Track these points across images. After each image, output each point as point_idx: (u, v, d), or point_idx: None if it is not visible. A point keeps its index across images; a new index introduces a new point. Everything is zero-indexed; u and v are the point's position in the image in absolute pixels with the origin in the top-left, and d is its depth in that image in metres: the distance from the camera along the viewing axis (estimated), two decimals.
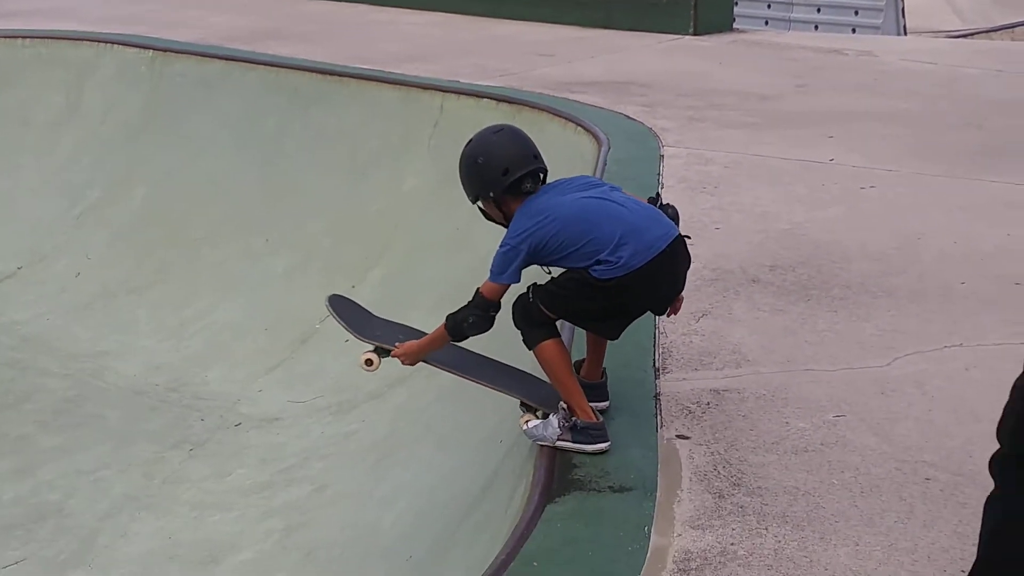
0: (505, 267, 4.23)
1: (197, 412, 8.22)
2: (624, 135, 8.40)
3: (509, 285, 4.28)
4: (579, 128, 8.60)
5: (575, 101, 9.49)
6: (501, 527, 4.34)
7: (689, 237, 4.45)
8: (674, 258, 4.26)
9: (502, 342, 4.72)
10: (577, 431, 4.24)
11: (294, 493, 7.04)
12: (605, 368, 4.59)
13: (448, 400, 7.15)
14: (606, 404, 4.54)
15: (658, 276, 4.20)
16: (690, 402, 4.65)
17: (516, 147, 4.34)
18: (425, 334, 4.87)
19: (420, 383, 7.70)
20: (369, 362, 4.64)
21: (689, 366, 4.98)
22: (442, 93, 9.99)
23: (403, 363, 4.58)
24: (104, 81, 11.87)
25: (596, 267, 4.15)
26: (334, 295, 5.02)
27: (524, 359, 4.79)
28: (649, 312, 4.46)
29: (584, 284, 4.20)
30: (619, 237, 4.13)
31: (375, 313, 5.12)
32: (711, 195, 7.18)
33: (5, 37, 12.63)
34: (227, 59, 11.41)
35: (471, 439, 6.34)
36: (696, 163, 7.84)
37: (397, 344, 4.62)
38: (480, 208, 4.45)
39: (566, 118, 8.80)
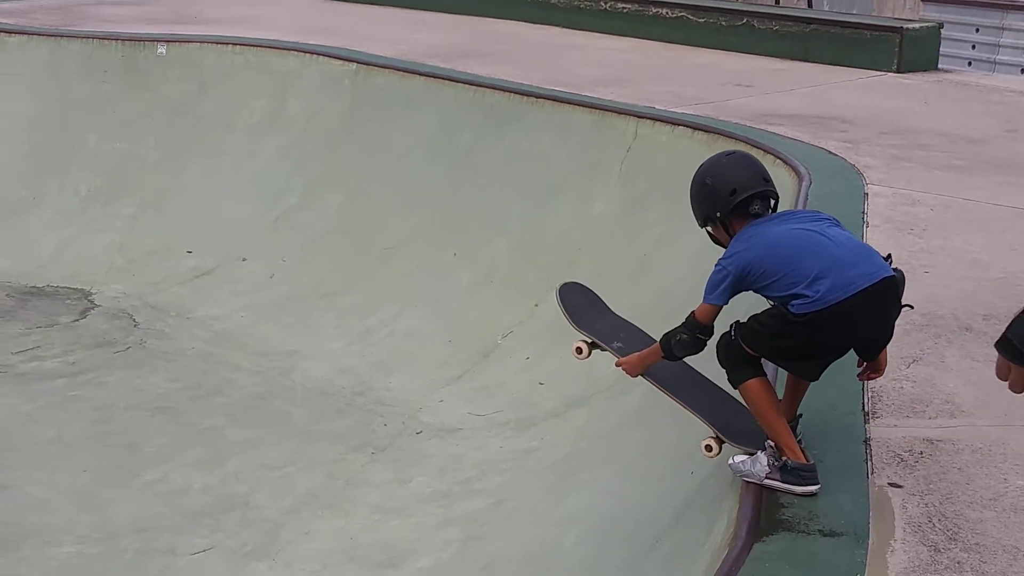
0: (714, 288, 4.22)
1: (380, 417, 8.38)
2: (826, 171, 8.22)
3: (719, 307, 4.24)
4: (778, 160, 8.45)
5: (773, 133, 9.35)
6: (697, 561, 4.28)
7: (912, 307, 4.35)
8: (878, 298, 4.09)
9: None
10: (787, 471, 4.14)
11: (472, 505, 7.10)
12: (800, 415, 4.48)
13: (631, 425, 7.11)
14: None
15: (857, 315, 4.06)
16: (902, 450, 4.50)
17: (746, 169, 4.35)
18: (645, 334, 4.87)
19: (601, 405, 7.70)
20: (579, 350, 4.65)
21: (900, 413, 4.82)
22: (636, 119, 9.96)
23: (626, 372, 4.61)
24: (307, 90, 12.24)
25: (794, 301, 4.07)
26: (567, 283, 5.04)
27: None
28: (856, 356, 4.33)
29: (782, 320, 4.12)
30: (819, 271, 4.04)
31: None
32: (919, 237, 6.96)
33: (215, 43, 13.15)
34: (426, 75, 11.64)
35: (657, 465, 6.28)
36: (902, 204, 7.62)
37: (617, 349, 4.61)
38: (708, 232, 4.43)
39: (764, 150, 8.66)
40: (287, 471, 7.78)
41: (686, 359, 4.53)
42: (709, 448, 4.46)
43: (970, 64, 17.51)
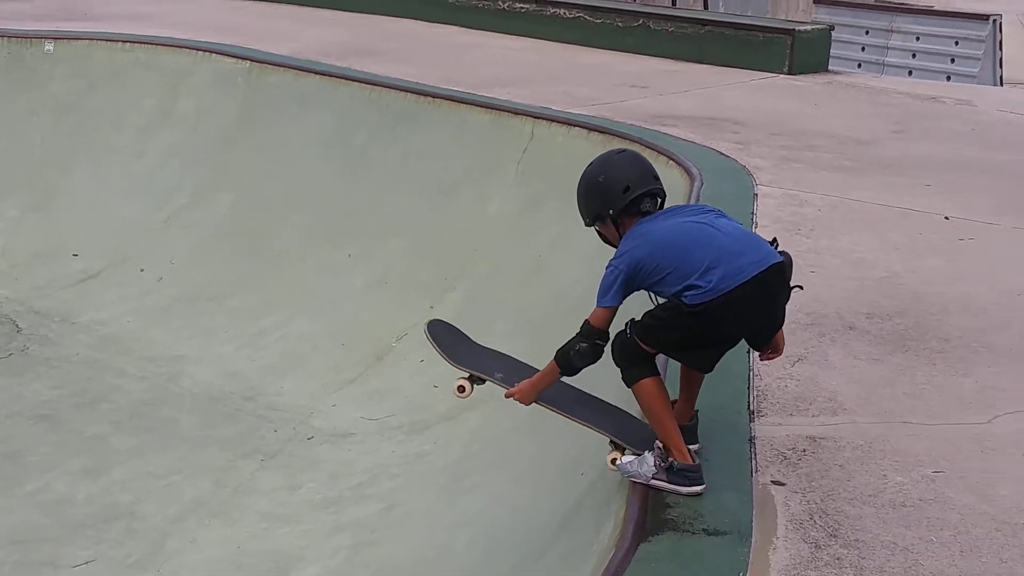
0: (607, 290, 4.20)
1: (270, 423, 8.22)
2: (717, 171, 8.28)
3: (613, 309, 4.22)
4: (671, 161, 8.50)
5: (667, 134, 9.41)
6: (585, 562, 4.24)
7: (801, 287, 4.31)
8: (768, 286, 4.12)
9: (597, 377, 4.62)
10: (673, 472, 4.13)
11: (363, 510, 6.99)
12: (697, 411, 4.48)
13: (525, 428, 7.05)
14: (697, 447, 4.42)
15: (749, 303, 4.09)
16: (786, 448, 4.53)
17: (637, 167, 4.34)
18: (521, 363, 4.82)
19: (496, 408, 7.61)
20: (461, 388, 4.59)
21: (784, 411, 4.85)
22: (533, 119, 9.95)
23: (519, 401, 4.52)
24: (199, 88, 12.00)
25: (687, 293, 4.08)
26: (434, 320, 4.99)
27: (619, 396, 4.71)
28: (744, 354, 4.34)
29: (676, 312, 4.13)
30: (710, 261, 4.07)
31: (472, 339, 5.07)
32: (806, 238, 7.04)
33: (104, 40, 12.82)
34: (322, 74, 11.48)
35: (548, 469, 6.24)
36: (790, 204, 7.71)
37: (500, 379, 4.57)
38: (598, 231, 4.41)
39: (657, 150, 8.70)
40: (173, 479, 7.58)
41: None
42: (615, 462, 4.40)
43: (860, 66, 17.92)
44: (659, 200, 4.34)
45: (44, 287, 10.63)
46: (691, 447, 4.34)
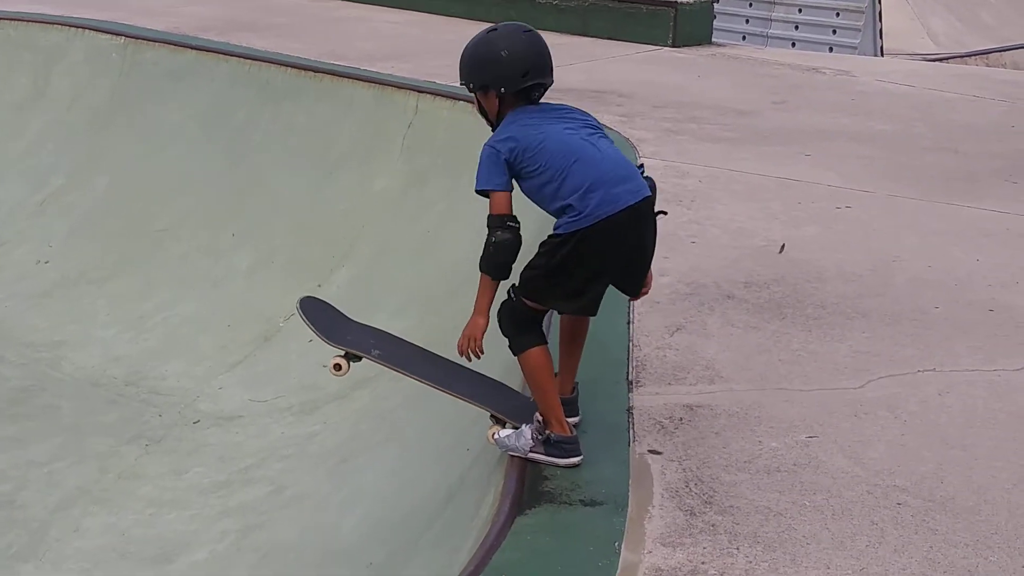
0: (489, 172, 4.08)
1: (154, 407, 8.06)
2: None
3: (505, 191, 4.08)
4: None
5: None
6: (466, 537, 4.25)
7: (665, 212, 4.34)
8: (640, 219, 4.09)
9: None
10: (551, 444, 4.15)
11: (251, 493, 6.90)
12: (577, 383, 4.50)
13: (414, 404, 7.03)
14: (577, 419, 4.45)
15: (622, 234, 4.04)
16: (663, 417, 4.58)
17: (541, 54, 4.18)
18: (399, 338, 4.79)
19: (385, 385, 7.58)
20: (338, 367, 4.53)
21: (663, 380, 4.90)
22: (417, 93, 9.87)
23: (472, 349, 4.26)
24: (73, 66, 11.67)
25: (564, 216, 4.04)
26: (306, 297, 4.89)
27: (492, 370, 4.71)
28: (624, 325, 4.35)
29: (552, 252, 4.07)
30: (591, 183, 4.00)
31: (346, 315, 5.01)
32: (688, 208, 7.12)
33: None
34: (199, 49, 11.24)
35: (436, 445, 6.24)
36: (673, 176, 7.78)
37: (377, 356, 4.51)
38: (477, 99, 4.27)
39: None
40: (55, 467, 7.40)
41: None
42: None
43: (744, 38, 18.15)
44: (543, 92, 4.24)
45: None
46: (573, 419, 4.37)
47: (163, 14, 13.08)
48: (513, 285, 4.26)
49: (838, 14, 18.18)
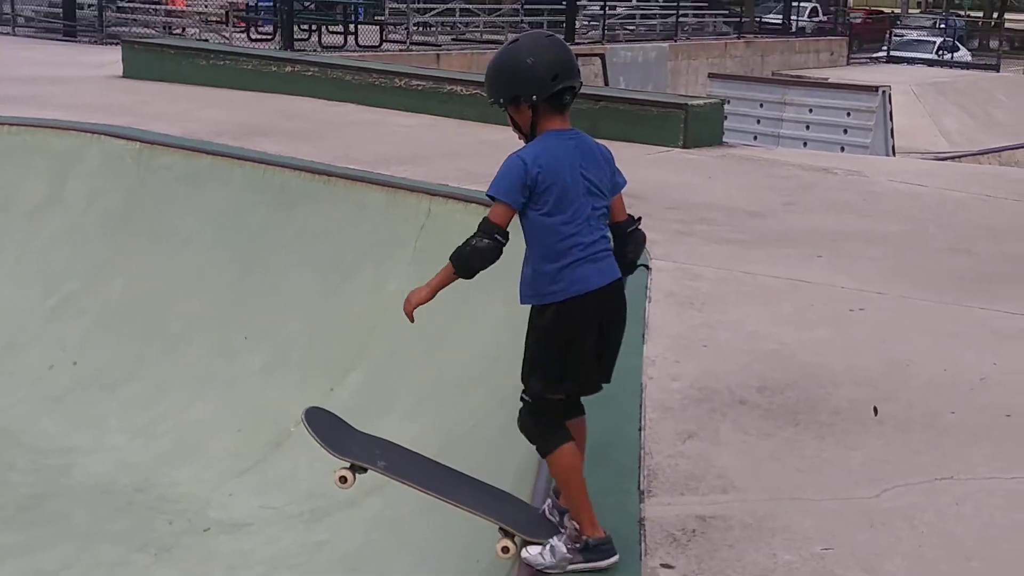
0: (501, 180, 4.00)
1: (164, 515, 7.99)
2: None
3: (510, 207, 4.00)
4: None
5: None
6: None
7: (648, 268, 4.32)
8: (610, 301, 4.07)
9: None
10: (590, 550, 4.07)
11: None
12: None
13: (425, 512, 6.93)
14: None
15: (598, 316, 4.03)
16: (675, 529, 4.50)
17: (568, 57, 4.08)
18: (406, 449, 4.75)
19: (396, 492, 7.48)
20: (343, 479, 4.48)
21: (675, 490, 4.83)
22: (429, 196, 9.95)
23: (414, 303, 4.27)
24: (89, 171, 11.81)
25: (551, 285, 3.99)
26: (311, 408, 4.85)
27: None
28: (636, 432, 4.27)
29: (540, 326, 4.06)
30: (575, 253, 3.99)
31: (352, 424, 4.97)
32: (699, 311, 7.09)
33: None
34: (214, 154, 11.38)
35: (446, 555, 6.15)
36: (684, 278, 7.78)
37: (382, 467, 4.45)
38: (509, 114, 4.15)
39: None
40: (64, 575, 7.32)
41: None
42: (506, 550, 4.28)
43: (756, 138, 18.34)
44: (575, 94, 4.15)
45: None
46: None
47: (177, 119, 13.27)
48: (523, 389, 4.21)
49: (849, 114, 18.39)
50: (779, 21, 43.55)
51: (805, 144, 17.77)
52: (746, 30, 36.95)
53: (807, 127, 18.30)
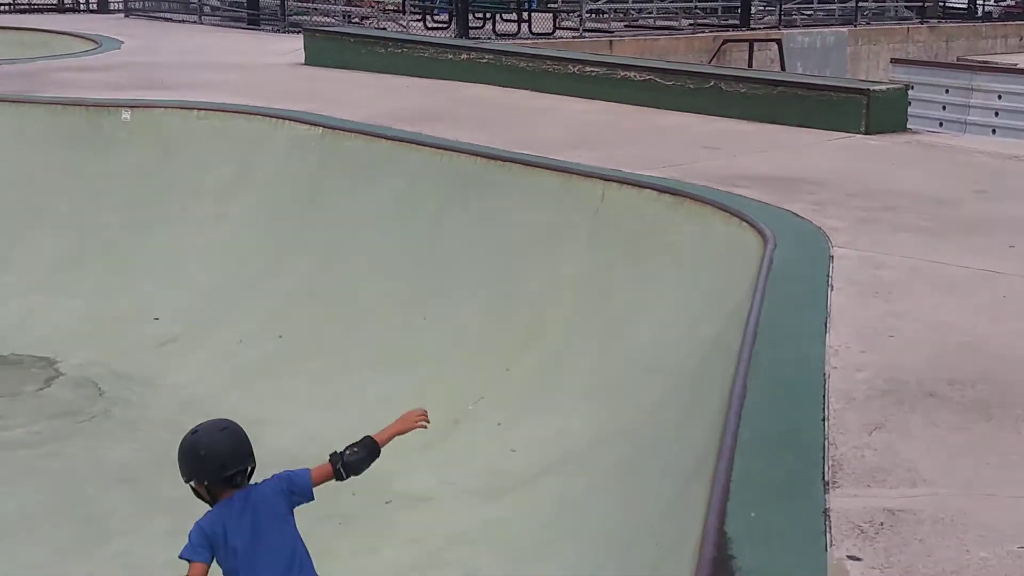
0: (191, 544, 4.83)
1: (348, 486, 8.18)
2: (792, 234, 8.21)
3: (201, 564, 4.77)
4: (744, 224, 8.45)
5: (740, 196, 9.35)
6: None
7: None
8: None
9: None
10: None
11: None
12: None
13: (601, 491, 7.03)
14: None
15: None
16: (862, 521, 4.42)
17: (236, 446, 4.91)
18: None
19: (575, 472, 7.62)
20: None
21: (861, 482, 4.74)
22: (603, 181, 9.98)
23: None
24: (275, 155, 12.24)
25: None
26: None
27: None
28: (820, 422, 4.22)
29: None
30: None
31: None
32: (884, 301, 6.92)
33: (180, 108, 13.17)
34: (393, 139, 11.66)
35: (623, 535, 6.19)
36: (868, 267, 7.60)
37: None
38: (191, 487, 4.95)
39: (731, 213, 8.67)
40: None
41: None
42: None
43: (941, 125, 17.72)
44: (249, 470, 4.96)
45: (126, 350, 10.85)
46: None
47: (357, 105, 13.62)
48: None
49: None
50: (964, 5, 41.91)
51: (994, 131, 17.08)
52: (929, 15, 35.64)
53: (996, 114, 17.58)
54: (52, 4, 35.03)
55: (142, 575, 7.30)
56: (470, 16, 23.61)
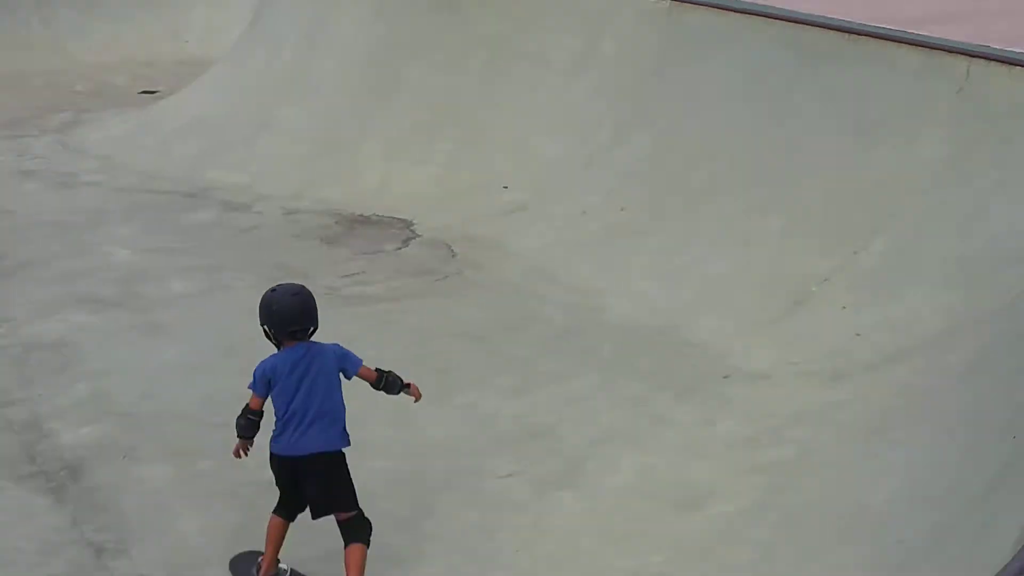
0: (253, 381, 5.77)
1: (686, 358, 8.39)
2: None
3: (258, 397, 5.77)
4: None
5: None
6: (1010, 534, 4.05)
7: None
8: (311, 471, 5.69)
9: None
10: None
11: (779, 454, 7.02)
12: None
13: (954, 386, 6.81)
14: None
15: (299, 477, 5.75)
16: None
17: (301, 310, 5.75)
18: None
19: (921, 362, 7.41)
20: None
21: None
22: (968, 58, 9.35)
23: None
24: (621, 28, 12.22)
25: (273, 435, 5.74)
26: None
27: None
28: None
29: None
30: (285, 416, 5.67)
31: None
32: None
33: None
34: (741, 12, 11.35)
35: (977, 429, 6.01)
36: None
37: None
38: (264, 330, 5.83)
39: None
40: (592, 404, 7.94)
41: None
42: None
43: None
44: (310, 329, 5.78)
45: (477, 216, 11.36)
46: None
47: None
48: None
49: None
50: None
51: None
52: None
53: None
54: None
55: (487, 426, 7.73)
56: None
